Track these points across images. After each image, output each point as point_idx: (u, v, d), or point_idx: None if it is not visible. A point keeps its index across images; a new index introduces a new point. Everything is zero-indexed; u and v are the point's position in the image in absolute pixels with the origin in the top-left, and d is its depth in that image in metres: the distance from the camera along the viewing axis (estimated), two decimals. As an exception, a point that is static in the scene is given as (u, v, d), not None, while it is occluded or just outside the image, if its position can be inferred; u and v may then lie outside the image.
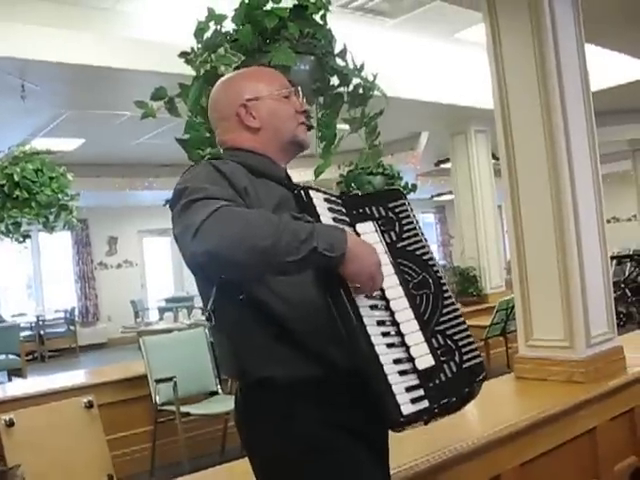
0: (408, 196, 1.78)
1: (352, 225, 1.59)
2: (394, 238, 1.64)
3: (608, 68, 6.75)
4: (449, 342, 1.58)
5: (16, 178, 5.16)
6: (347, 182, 6.87)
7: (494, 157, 8.67)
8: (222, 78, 1.83)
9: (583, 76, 3.49)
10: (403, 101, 6.15)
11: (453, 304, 1.65)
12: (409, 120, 7.76)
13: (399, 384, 1.44)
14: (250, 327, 1.54)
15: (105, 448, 4.58)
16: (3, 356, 8.86)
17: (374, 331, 1.46)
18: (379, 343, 1.46)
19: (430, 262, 1.67)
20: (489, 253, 8.15)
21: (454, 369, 1.55)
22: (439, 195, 16.01)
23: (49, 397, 4.59)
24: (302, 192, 1.54)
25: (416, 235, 1.69)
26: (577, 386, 3.23)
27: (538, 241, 3.42)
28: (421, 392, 1.47)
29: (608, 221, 3.77)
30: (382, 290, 1.54)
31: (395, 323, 1.53)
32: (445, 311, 1.62)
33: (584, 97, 3.49)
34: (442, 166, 11.54)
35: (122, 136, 8.55)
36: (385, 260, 1.58)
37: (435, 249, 18.97)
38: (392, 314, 1.53)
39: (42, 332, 12.41)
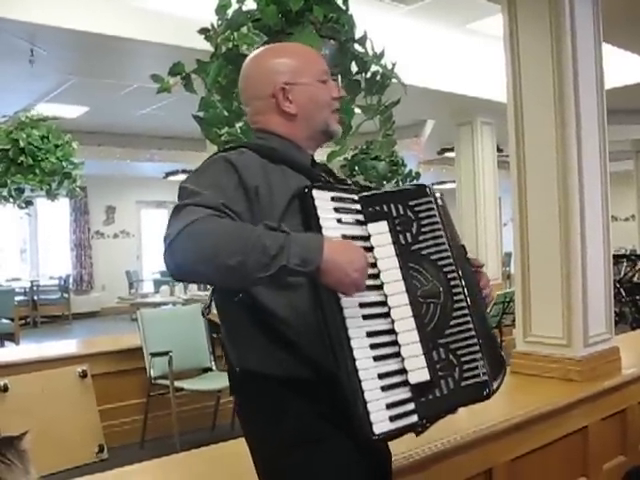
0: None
1: (365, 224, 1.51)
2: (409, 240, 1.54)
3: (616, 67, 6.72)
4: (451, 357, 1.50)
5: (22, 144, 5.13)
6: (351, 166, 6.86)
7: (499, 149, 8.66)
8: (257, 51, 1.74)
9: (598, 75, 3.47)
10: (411, 88, 6.11)
11: (464, 316, 1.55)
12: (416, 107, 7.71)
13: (379, 400, 1.39)
14: (247, 326, 1.55)
15: (97, 418, 4.61)
16: (-3, 320, 8.87)
17: (360, 343, 1.41)
18: (362, 357, 1.40)
19: (445, 269, 1.56)
20: (488, 245, 8.15)
21: (451, 386, 1.48)
22: (440, 183, 15.97)
23: (43, 364, 4.61)
24: (304, 192, 1.47)
25: (436, 237, 1.58)
26: (572, 384, 3.25)
27: (542, 238, 3.43)
28: (411, 406, 1.43)
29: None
30: (385, 296, 1.48)
31: (393, 332, 1.46)
32: (453, 323, 1.53)
33: (598, 96, 3.47)
34: (445, 155, 11.51)
35: (126, 106, 8.51)
36: (394, 264, 1.50)
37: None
38: (392, 322, 1.46)
39: (36, 298, 12.42)
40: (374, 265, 1.49)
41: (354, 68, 2.32)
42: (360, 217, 1.52)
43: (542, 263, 3.44)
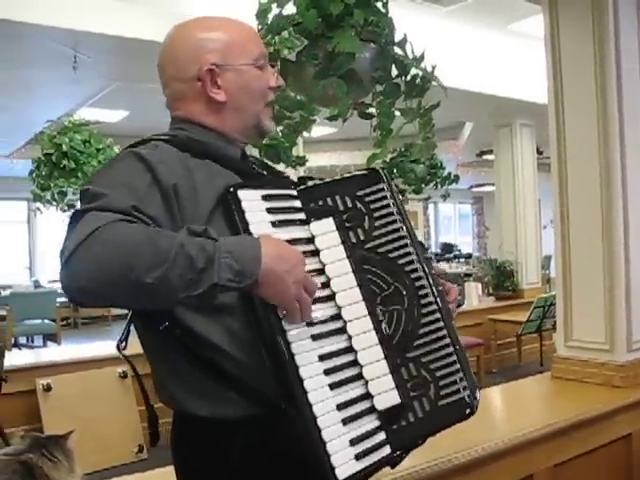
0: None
1: (307, 223, 1.30)
2: (362, 237, 1.32)
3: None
4: (424, 372, 1.28)
5: (64, 148, 5.26)
6: (389, 169, 6.85)
7: (538, 152, 8.56)
8: (183, 22, 1.46)
9: (642, 76, 3.41)
10: (450, 90, 6.03)
11: (436, 322, 1.32)
12: (454, 109, 7.65)
13: (340, 437, 1.19)
14: (176, 359, 1.30)
15: (137, 418, 4.66)
16: (39, 321, 9.06)
17: (311, 371, 1.19)
18: (315, 387, 1.19)
19: (407, 267, 1.33)
20: (527, 248, 8.05)
21: (427, 407, 1.26)
22: (478, 186, 15.87)
23: (85, 365, 4.71)
24: (228, 194, 1.25)
25: (393, 231, 1.34)
26: (615, 390, 3.19)
27: (584, 240, 3.37)
28: (382, 436, 1.23)
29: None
30: (338, 308, 1.27)
31: (352, 351, 1.25)
32: (423, 332, 1.31)
33: (642, 97, 3.41)
34: (484, 157, 11.43)
35: (166, 111, 8.58)
36: (346, 268, 1.29)
37: (470, 240, 18.83)
38: (349, 339, 1.25)
39: (77, 299, 12.61)
40: (322, 272, 1.28)
41: (394, 71, 2.32)
42: (301, 215, 1.31)
43: (584, 266, 3.38)
